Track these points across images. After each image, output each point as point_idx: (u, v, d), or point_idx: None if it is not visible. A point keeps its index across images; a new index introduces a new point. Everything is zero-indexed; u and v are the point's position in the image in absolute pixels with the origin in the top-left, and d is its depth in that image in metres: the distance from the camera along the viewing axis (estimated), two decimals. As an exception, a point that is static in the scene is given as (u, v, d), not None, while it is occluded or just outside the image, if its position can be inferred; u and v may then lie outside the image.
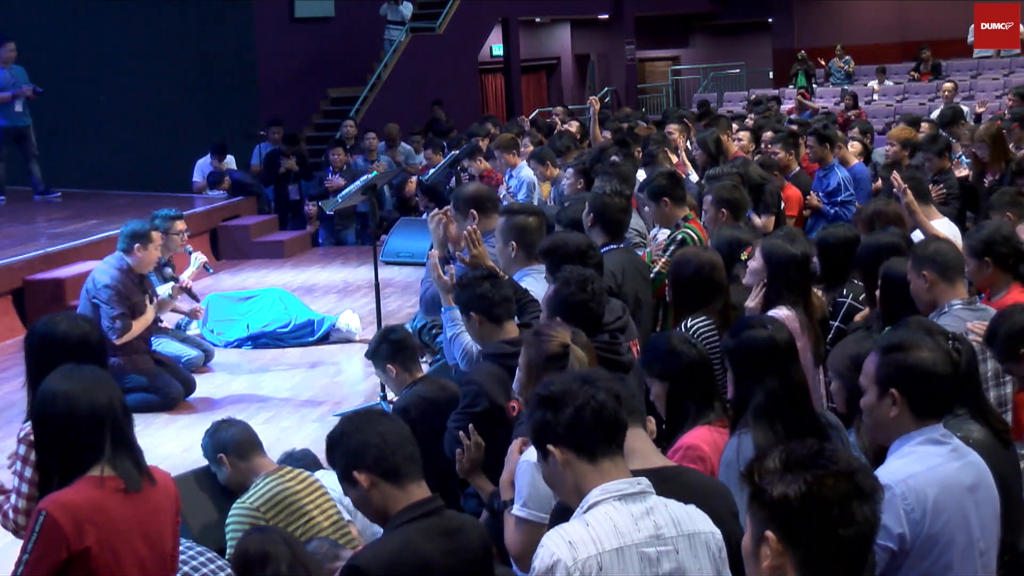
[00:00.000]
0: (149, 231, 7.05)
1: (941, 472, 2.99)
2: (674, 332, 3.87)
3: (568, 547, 2.54)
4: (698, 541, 2.68)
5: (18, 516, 3.54)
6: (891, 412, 3.03)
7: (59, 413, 3.10)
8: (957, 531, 2.97)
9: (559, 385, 2.72)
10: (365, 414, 3.13)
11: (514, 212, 5.26)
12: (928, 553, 2.93)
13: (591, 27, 27.17)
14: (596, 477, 2.65)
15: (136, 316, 6.92)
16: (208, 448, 4.68)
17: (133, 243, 6.97)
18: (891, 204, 5.86)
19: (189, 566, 3.86)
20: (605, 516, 2.60)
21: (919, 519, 2.92)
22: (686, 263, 4.87)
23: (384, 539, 2.99)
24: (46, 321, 3.76)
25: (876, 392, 3.06)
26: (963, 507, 2.99)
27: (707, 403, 3.77)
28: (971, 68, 22.03)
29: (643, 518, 2.62)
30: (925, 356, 3.04)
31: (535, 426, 2.72)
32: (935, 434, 3.04)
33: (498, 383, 4.15)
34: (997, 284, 4.83)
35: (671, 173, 6.49)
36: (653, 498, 2.68)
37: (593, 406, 2.66)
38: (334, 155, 13.31)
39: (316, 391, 7.22)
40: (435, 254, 5.01)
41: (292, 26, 18.05)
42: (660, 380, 3.80)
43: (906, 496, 2.92)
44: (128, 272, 6.96)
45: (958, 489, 3.00)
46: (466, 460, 3.86)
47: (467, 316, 4.43)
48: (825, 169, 8.47)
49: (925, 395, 3.03)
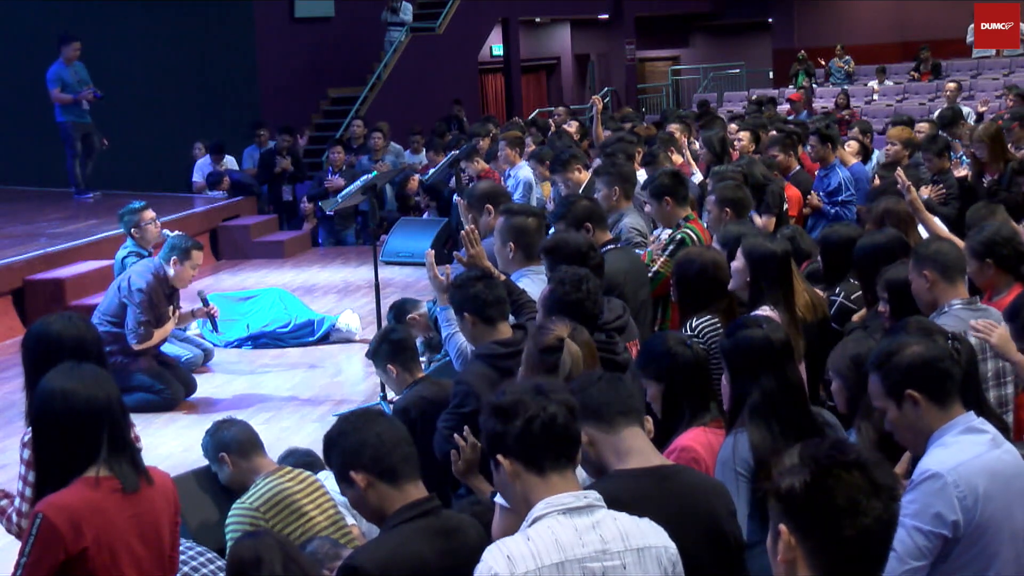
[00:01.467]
0: (191, 249, 7.09)
1: (987, 460, 3.02)
2: (671, 333, 3.86)
3: (506, 561, 2.50)
4: (648, 556, 2.62)
5: (21, 520, 3.54)
6: (917, 413, 3.06)
7: (57, 410, 3.10)
8: (1003, 520, 3.00)
9: (511, 395, 2.69)
10: (362, 414, 3.12)
11: (514, 212, 5.26)
12: (978, 540, 2.96)
13: (591, 27, 27.17)
14: (543, 490, 2.62)
15: (159, 326, 6.98)
16: (209, 448, 4.68)
17: (173, 255, 7.03)
18: (901, 203, 5.86)
19: (189, 566, 3.87)
20: (547, 530, 2.56)
21: (971, 506, 2.95)
22: (690, 263, 4.87)
23: (381, 539, 2.98)
24: (41, 323, 3.77)
25: (894, 404, 3.08)
26: (1008, 496, 3.02)
27: (703, 404, 3.75)
28: (971, 68, 22.04)
29: (588, 532, 2.58)
30: (917, 349, 3.08)
31: (486, 435, 2.70)
32: (972, 422, 3.08)
33: (488, 383, 4.15)
34: (998, 285, 4.83)
35: (674, 172, 6.49)
36: (601, 512, 2.63)
37: (543, 419, 2.62)
38: (334, 154, 13.32)
39: (316, 391, 7.22)
40: (431, 253, 5.02)
41: (292, 26, 18.05)
42: (656, 381, 3.80)
43: (958, 484, 2.94)
44: (163, 281, 7.02)
45: (1003, 478, 3.03)
46: (462, 462, 3.86)
47: (460, 316, 4.44)
48: (826, 169, 8.47)
49: (938, 382, 3.06)
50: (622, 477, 2.95)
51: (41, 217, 12.10)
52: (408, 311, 6.56)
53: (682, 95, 26.41)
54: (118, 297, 6.95)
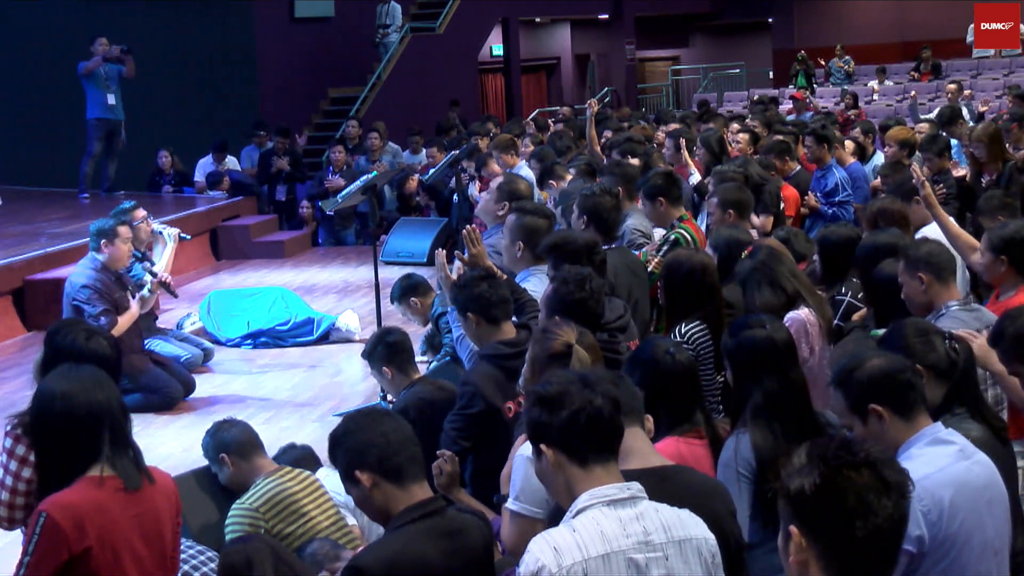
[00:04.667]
0: (114, 226, 7.03)
1: (953, 472, 2.99)
2: (660, 340, 3.79)
3: (553, 553, 2.51)
4: (689, 547, 2.64)
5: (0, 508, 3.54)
6: (882, 428, 3.06)
7: (58, 413, 3.11)
8: (973, 531, 2.97)
9: (557, 386, 2.68)
10: (368, 413, 3.11)
11: (525, 212, 5.24)
12: (946, 554, 2.93)
13: (591, 27, 27.18)
14: (586, 482, 2.62)
15: (120, 312, 6.90)
16: (209, 448, 4.68)
17: (99, 240, 6.98)
18: (896, 203, 5.86)
19: (189, 565, 3.87)
20: (592, 522, 2.57)
21: (936, 520, 2.92)
22: (678, 266, 4.82)
23: (385, 539, 2.98)
24: (70, 336, 3.76)
25: (859, 420, 3.10)
26: (977, 507, 2.99)
27: (683, 414, 3.60)
28: (971, 68, 22.04)
29: (632, 523, 2.59)
30: (878, 363, 3.08)
31: (530, 423, 2.70)
32: (938, 434, 3.05)
33: (494, 384, 4.15)
34: (1007, 283, 4.81)
35: (667, 173, 6.49)
36: (644, 503, 2.64)
37: (589, 411, 2.63)
38: (335, 154, 13.33)
39: (316, 391, 7.22)
40: (442, 253, 5.02)
41: (292, 26, 18.05)
42: (639, 387, 3.78)
43: (922, 497, 2.90)
44: (103, 270, 6.96)
45: (971, 489, 3.00)
46: (444, 476, 3.86)
47: (464, 317, 4.43)
48: (823, 169, 8.48)
49: (901, 395, 3.06)
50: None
51: (41, 217, 12.10)
52: (417, 290, 6.50)
53: (682, 95, 26.41)
54: (69, 304, 6.91)
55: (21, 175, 15.12)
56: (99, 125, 12.97)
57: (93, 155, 13.14)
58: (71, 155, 13.66)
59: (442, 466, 3.85)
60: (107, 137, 13.09)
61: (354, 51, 18.65)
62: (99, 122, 12.97)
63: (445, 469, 3.85)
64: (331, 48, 18.48)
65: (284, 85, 17.55)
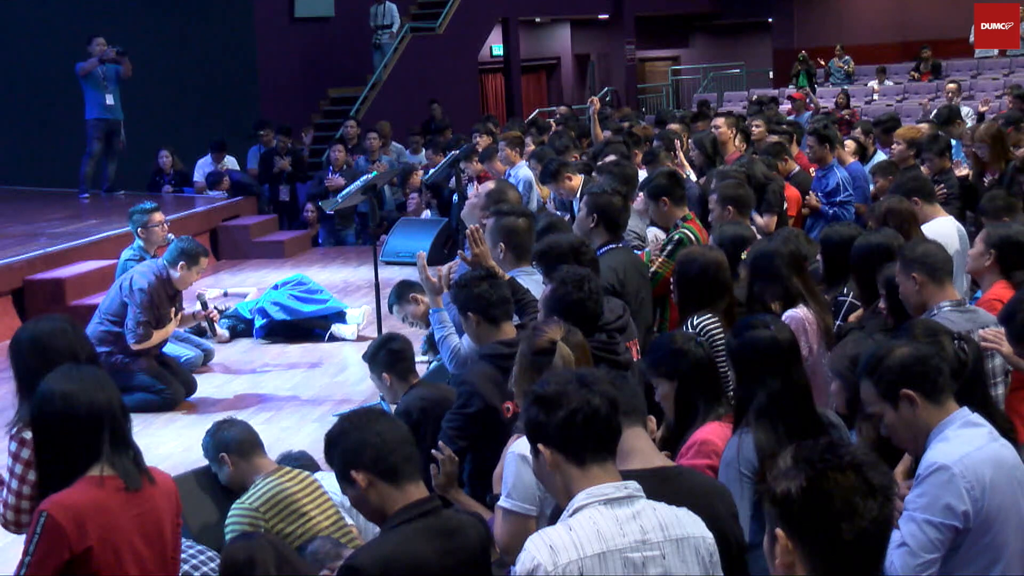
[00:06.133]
0: (200, 255, 7.04)
1: (989, 451, 3.06)
2: (678, 331, 3.87)
3: (549, 552, 2.51)
4: (687, 546, 2.64)
5: (7, 511, 3.55)
6: (914, 412, 3.10)
7: (58, 413, 3.11)
8: (1010, 508, 3.04)
9: (555, 385, 2.68)
10: (364, 413, 3.11)
11: (503, 213, 5.24)
12: (988, 530, 2.99)
13: (591, 27, 27.17)
14: (583, 481, 2.62)
15: (159, 327, 6.97)
16: (209, 448, 4.68)
17: (180, 259, 6.98)
18: (904, 202, 5.87)
19: (189, 564, 3.87)
20: (589, 520, 2.57)
21: (979, 496, 2.98)
22: (691, 262, 4.86)
23: (381, 539, 2.98)
24: (31, 327, 3.80)
25: (890, 406, 3.13)
26: (1012, 486, 3.06)
27: (715, 399, 3.78)
28: (971, 68, 22.04)
29: (629, 522, 2.59)
30: (906, 350, 3.13)
31: (528, 423, 2.70)
32: (969, 417, 3.11)
33: (492, 384, 4.15)
34: (987, 277, 4.94)
35: (671, 173, 6.50)
36: (641, 502, 2.64)
37: (586, 411, 2.63)
38: (335, 153, 13.33)
39: (316, 391, 7.22)
40: (423, 255, 5.02)
41: (292, 26, 18.05)
42: (668, 379, 3.80)
43: (965, 475, 2.98)
44: (166, 282, 6.99)
45: (1007, 468, 3.07)
46: (441, 475, 3.85)
47: (465, 316, 4.42)
48: (824, 169, 8.48)
49: (932, 379, 3.11)
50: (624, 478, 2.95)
51: (41, 217, 12.10)
52: (415, 287, 6.50)
53: (682, 95, 26.41)
54: (120, 296, 6.95)
55: (21, 175, 15.11)
56: (98, 125, 13.01)
57: (93, 155, 13.18)
58: (71, 155, 13.65)
59: (442, 464, 3.85)
60: (106, 137, 13.11)
61: (354, 51, 18.64)
62: (98, 122, 13.00)
63: (444, 467, 3.85)
64: (331, 48, 18.48)
65: (284, 85, 17.55)
